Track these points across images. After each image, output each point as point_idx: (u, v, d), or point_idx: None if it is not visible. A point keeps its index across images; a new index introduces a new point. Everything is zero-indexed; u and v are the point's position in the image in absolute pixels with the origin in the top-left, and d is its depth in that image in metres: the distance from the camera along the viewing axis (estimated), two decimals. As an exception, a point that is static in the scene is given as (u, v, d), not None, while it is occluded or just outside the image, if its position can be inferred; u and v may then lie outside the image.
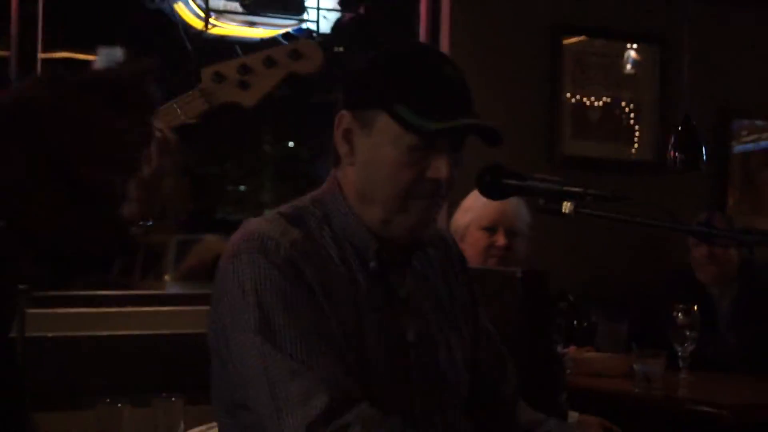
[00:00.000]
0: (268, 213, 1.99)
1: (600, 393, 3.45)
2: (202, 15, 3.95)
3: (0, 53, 3.86)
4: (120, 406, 3.33)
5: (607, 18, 4.83)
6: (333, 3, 4.20)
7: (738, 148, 5.25)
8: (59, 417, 3.31)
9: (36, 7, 3.84)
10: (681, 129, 4.43)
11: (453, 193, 2.01)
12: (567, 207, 1.80)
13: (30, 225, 1.09)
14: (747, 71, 5.16)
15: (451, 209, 3.78)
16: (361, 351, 1.88)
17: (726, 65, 5.06)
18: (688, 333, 3.64)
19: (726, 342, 4.21)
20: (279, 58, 2.19)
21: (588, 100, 4.83)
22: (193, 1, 3.94)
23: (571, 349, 3.87)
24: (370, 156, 1.91)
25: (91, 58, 4.46)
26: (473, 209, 3.67)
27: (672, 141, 4.47)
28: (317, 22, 4.13)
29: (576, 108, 4.79)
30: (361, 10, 4.25)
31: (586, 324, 4.07)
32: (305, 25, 4.10)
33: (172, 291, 4.46)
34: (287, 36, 3.42)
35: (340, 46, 4.26)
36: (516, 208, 3.67)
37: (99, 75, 1.32)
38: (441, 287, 2.09)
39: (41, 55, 3.87)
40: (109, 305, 3.88)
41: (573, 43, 4.79)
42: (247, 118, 5.03)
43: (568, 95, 4.77)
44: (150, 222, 2.03)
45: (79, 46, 4.37)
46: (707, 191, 4.97)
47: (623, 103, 4.93)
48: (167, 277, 4.70)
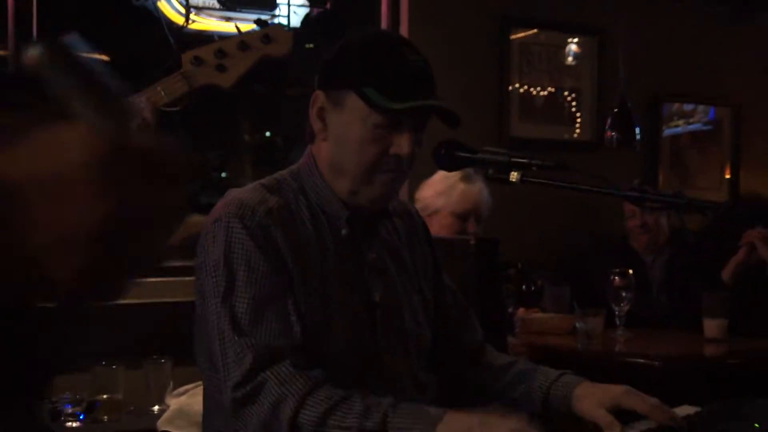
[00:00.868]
0: (249, 185, 1.98)
1: (546, 349, 3.47)
2: (182, 11, 3.92)
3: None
4: (114, 368, 3.33)
5: (551, 13, 4.83)
6: (302, -1, 4.19)
7: (668, 131, 5.28)
8: (62, 379, 3.29)
9: (30, 7, 3.79)
10: (617, 111, 4.47)
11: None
12: (514, 176, 1.81)
13: None
14: (676, 60, 5.18)
15: (412, 183, 3.79)
16: (331, 311, 1.88)
17: (657, 55, 5.08)
18: (624, 294, 3.66)
19: (658, 302, 4.26)
20: (252, 42, 2.18)
21: (534, 89, 4.83)
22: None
23: (521, 311, 3.90)
24: (340, 132, 1.92)
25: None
26: (450, 196, 3.65)
27: (609, 122, 4.51)
28: (288, 16, 4.11)
29: (522, 96, 4.79)
30: (328, 5, 4.23)
31: (533, 288, 4.09)
32: (277, 20, 4.08)
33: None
34: (260, 22, 3.39)
35: (310, 40, 4.23)
36: (487, 197, 3.68)
37: None
38: (406, 253, 2.10)
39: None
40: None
41: (520, 37, 4.79)
42: (228, 110, 5.02)
43: (516, 85, 4.77)
44: None
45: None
46: (640, 168, 5.00)
47: (565, 93, 4.93)
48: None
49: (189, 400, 2.93)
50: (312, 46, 4.23)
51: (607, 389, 1.93)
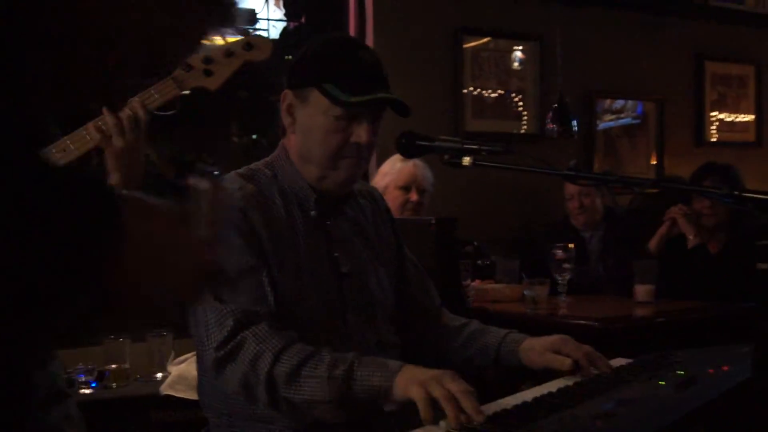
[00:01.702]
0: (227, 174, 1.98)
1: (499, 314, 3.48)
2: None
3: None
4: (122, 341, 3.31)
5: (498, 24, 4.82)
6: (280, 14, 4.16)
7: (602, 125, 5.29)
8: (75, 352, 3.27)
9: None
10: (556, 107, 4.49)
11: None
12: (466, 161, 1.80)
13: None
14: (607, 62, 5.20)
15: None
16: (303, 282, 1.88)
17: (591, 58, 5.09)
18: (565, 266, 3.67)
19: (595, 272, 4.27)
20: (236, 49, 2.16)
21: (485, 90, 4.83)
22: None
23: (476, 282, 3.90)
24: (306, 124, 1.92)
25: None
26: (390, 173, 3.77)
27: (550, 116, 4.53)
28: (267, 30, 4.10)
29: (475, 96, 4.79)
30: (303, 19, 4.21)
31: (487, 262, 4.10)
32: (258, 33, 4.06)
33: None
34: (242, 31, 3.36)
35: (288, 52, 4.21)
36: (423, 171, 3.79)
37: None
38: (370, 230, 2.09)
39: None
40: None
41: (471, 45, 4.78)
42: (218, 115, 4.99)
43: (470, 87, 4.76)
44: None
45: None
46: (578, 156, 5.01)
47: (512, 93, 4.93)
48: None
49: (188, 367, 2.92)
50: (291, 57, 4.21)
51: (547, 339, 1.93)
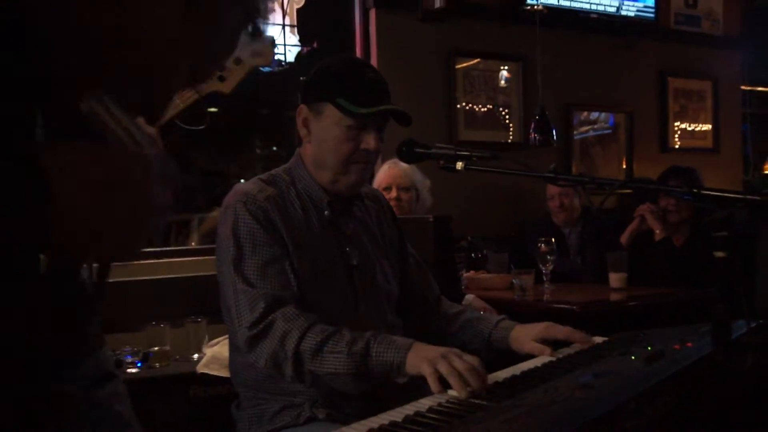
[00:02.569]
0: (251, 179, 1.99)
1: (491, 300, 3.47)
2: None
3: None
4: (162, 326, 3.31)
5: (486, 46, 4.82)
6: (295, 40, 4.15)
7: (578, 135, 5.28)
8: (122, 336, 3.28)
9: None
10: (538, 119, 4.47)
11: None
12: (459, 165, 1.80)
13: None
14: (583, 79, 5.19)
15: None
16: (318, 273, 1.89)
17: (568, 75, 5.08)
18: (548, 257, 3.66)
19: (574, 263, 4.27)
20: (244, 57, 2.16)
21: (475, 105, 4.82)
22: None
23: (471, 273, 3.90)
24: (321, 135, 1.92)
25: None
26: (378, 177, 3.73)
27: (532, 126, 4.51)
28: (284, 54, 4.08)
29: (467, 110, 4.78)
30: (315, 44, 4.21)
31: (480, 255, 4.09)
32: (276, 57, 4.05)
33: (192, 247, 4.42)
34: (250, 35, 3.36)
35: (302, 73, 4.21)
36: (403, 171, 3.68)
37: None
38: (376, 228, 2.09)
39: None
40: (153, 258, 3.85)
41: (463, 66, 4.77)
42: (243, 130, 4.99)
43: (463, 103, 4.76)
44: None
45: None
46: (557, 161, 4.98)
47: (500, 108, 4.93)
48: (193, 243, 4.67)
49: (220, 348, 2.92)
50: (304, 78, 4.21)
51: (534, 327, 1.93)
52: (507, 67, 4.91)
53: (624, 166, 5.47)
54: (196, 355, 3.28)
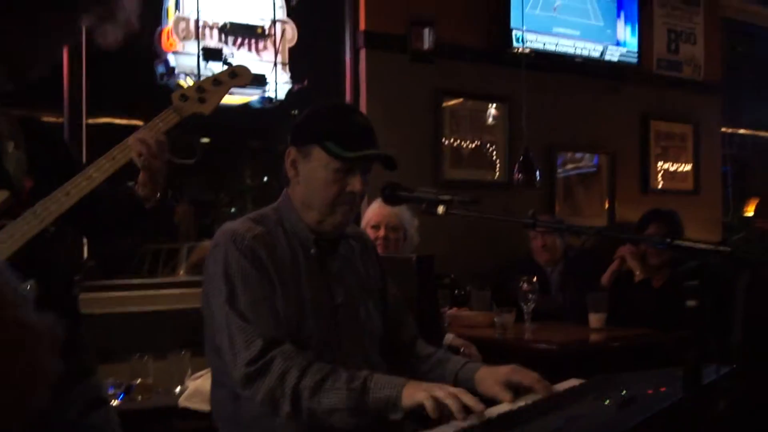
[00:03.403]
0: (240, 218, 2.01)
1: (473, 338, 3.49)
2: (195, 87, 3.91)
3: (56, 119, 3.80)
4: (146, 358, 3.31)
5: (472, 87, 4.88)
6: (286, 78, 4.19)
7: (563, 173, 5.34)
8: (105, 368, 3.27)
9: (81, 84, 3.78)
10: (522, 159, 4.52)
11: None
12: (440, 209, 1.83)
13: None
14: (567, 120, 5.25)
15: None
16: (304, 310, 1.90)
17: (552, 117, 5.14)
18: (530, 296, 3.69)
19: (555, 302, 4.29)
20: (223, 78, 2.18)
21: (463, 143, 4.87)
22: (190, 78, 3.91)
23: (453, 310, 3.92)
24: (309, 177, 1.95)
25: (124, 122, 4.42)
26: (367, 215, 3.71)
27: (517, 167, 4.56)
28: (275, 90, 4.12)
29: (453, 148, 4.83)
30: (306, 82, 4.25)
31: (462, 292, 4.11)
32: (267, 94, 4.08)
33: (181, 278, 4.42)
34: (226, 63, 3.37)
35: (293, 108, 4.24)
36: (392, 211, 3.65)
37: None
38: (360, 267, 2.11)
39: (87, 121, 3.80)
40: (138, 290, 3.85)
41: (450, 105, 4.83)
42: (234, 161, 5.02)
43: (450, 140, 4.80)
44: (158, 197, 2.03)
45: (116, 113, 4.33)
46: (541, 201, 5.05)
47: (487, 145, 4.97)
48: (181, 272, 4.67)
49: (203, 382, 2.92)
50: (296, 112, 4.26)
51: (499, 370, 1.90)
52: (493, 106, 4.96)
53: (606, 206, 5.52)
54: (178, 388, 3.27)
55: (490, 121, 4.97)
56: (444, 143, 4.77)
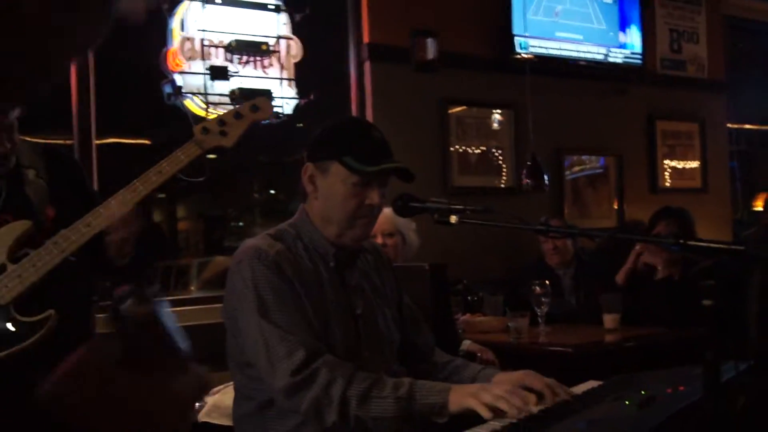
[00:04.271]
0: (259, 234, 2.03)
1: (487, 343, 3.49)
2: (203, 106, 3.95)
3: (65, 141, 3.83)
4: (163, 375, 3.31)
5: (477, 94, 4.89)
6: (292, 93, 4.22)
7: (570, 176, 5.35)
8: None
9: (89, 105, 3.81)
10: (530, 164, 4.54)
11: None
12: (453, 219, 1.85)
13: None
14: (574, 123, 5.26)
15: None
16: (326, 321, 1.93)
17: (559, 120, 5.15)
18: (543, 299, 3.68)
19: (568, 304, 4.29)
20: (244, 112, 2.20)
21: (469, 149, 4.89)
22: (197, 98, 3.95)
23: (467, 316, 3.92)
24: (327, 192, 1.97)
25: (133, 142, 4.45)
26: None
27: (524, 172, 4.58)
28: (282, 106, 4.14)
29: (460, 155, 4.85)
30: (312, 96, 4.27)
31: (476, 298, 4.12)
32: (275, 109, 4.10)
33: (195, 295, 4.43)
34: (249, 96, 3.39)
35: (299, 122, 4.26)
36: (385, 217, 3.61)
37: None
38: (376, 278, 2.13)
39: (95, 142, 3.83)
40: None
41: (456, 111, 4.85)
42: (242, 175, 5.04)
43: (456, 146, 4.82)
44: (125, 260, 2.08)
45: (124, 133, 4.36)
46: (549, 205, 5.05)
47: (493, 150, 4.99)
48: (192, 288, 4.68)
49: (221, 397, 2.93)
50: (302, 125, 4.28)
51: (514, 374, 1.94)
52: (499, 112, 4.98)
53: (615, 206, 5.52)
54: (197, 404, 3.28)
55: (495, 127, 4.98)
56: (451, 151, 4.78)
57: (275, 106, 4.06)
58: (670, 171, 5.80)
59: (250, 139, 2.24)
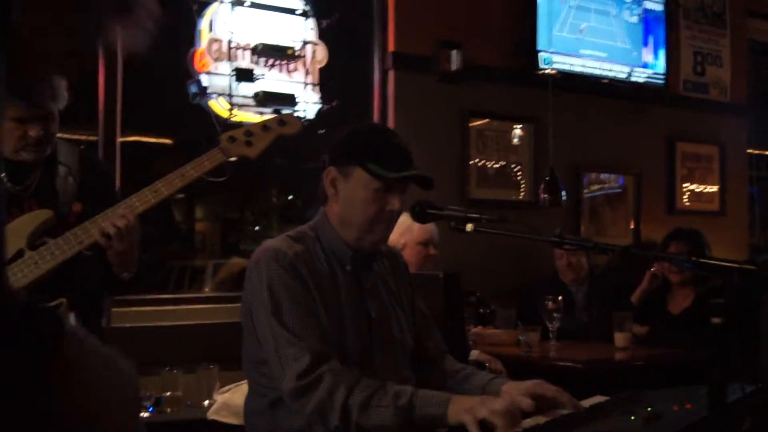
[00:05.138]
0: (279, 236, 2.06)
1: (498, 356, 3.49)
2: (227, 107, 3.98)
3: (91, 137, 3.88)
4: (176, 372, 3.34)
5: (499, 107, 4.90)
6: (316, 98, 4.25)
7: (588, 194, 5.34)
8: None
9: (115, 102, 3.86)
10: (548, 179, 4.54)
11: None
12: (469, 227, 1.87)
13: None
14: (593, 141, 5.25)
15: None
16: (341, 324, 1.95)
17: (578, 137, 5.15)
18: (555, 315, 3.69)
19: (580, 320, 4.28)
20: (271, 125, 2.23)
21: (488, 162, 4.89)
22: (222, 98, 3.98)
23: (479, 328, 3.93)
24: (349, 196, 2.00)
25: (156, 140, 4.51)
26: (411, 231, 3.61)
27: (542, 187, 4.58)
28: (305, 111, 4.18)
29: (479, 168, 4.86)
30: (335, 102, 4.30)
31: (488, 311, 4.12)
32: (297, 114, 4.13)
33: (210, 294, 4.47)
34: (277, 111, 3.43)
35: (321, 128, 4.29)
36: (435, 228, 3.69)
37: None
38: (392, 283, 2.16)
39: (119, 139, 3.88)
40: (168, 305, 3.90)
41: (476, 124, 4.86)
42: (260, 179, 5.08)
43: (476, 159, 4.83)
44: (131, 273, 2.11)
45: (148, 131, 4.42)
46: (566, 221, 5.04)
47: (512, 165, 4.98)
48: (207, 289, 4.72)
49: (232, 395, 2.96)
50: (323, 131, 4.30)
51: (524, 383, 1.96)
52: (519, 126, 4.98)
53: (632, 226, 5.50)
54: (206, 402, 3.31)
55: (515, 141, 4.99)
56: (470, 163, 4.80)
57: (297, 110, 4.10)
58: (688, 193, 5.78)
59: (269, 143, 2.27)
